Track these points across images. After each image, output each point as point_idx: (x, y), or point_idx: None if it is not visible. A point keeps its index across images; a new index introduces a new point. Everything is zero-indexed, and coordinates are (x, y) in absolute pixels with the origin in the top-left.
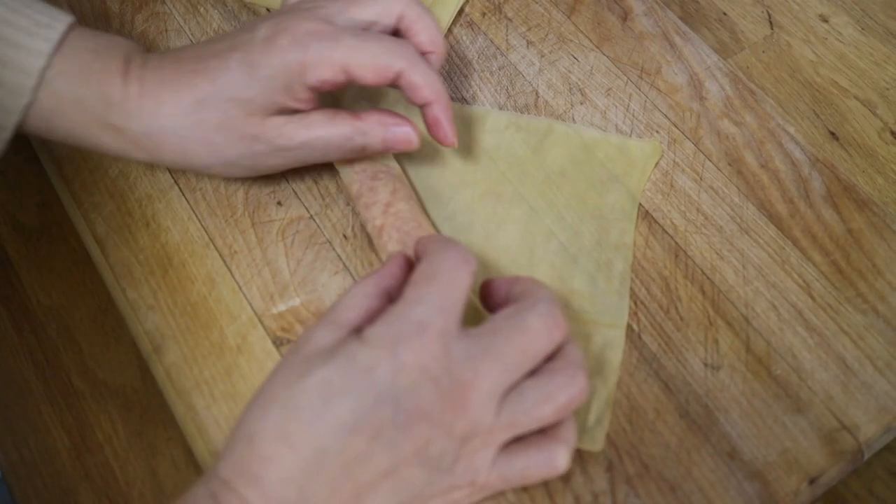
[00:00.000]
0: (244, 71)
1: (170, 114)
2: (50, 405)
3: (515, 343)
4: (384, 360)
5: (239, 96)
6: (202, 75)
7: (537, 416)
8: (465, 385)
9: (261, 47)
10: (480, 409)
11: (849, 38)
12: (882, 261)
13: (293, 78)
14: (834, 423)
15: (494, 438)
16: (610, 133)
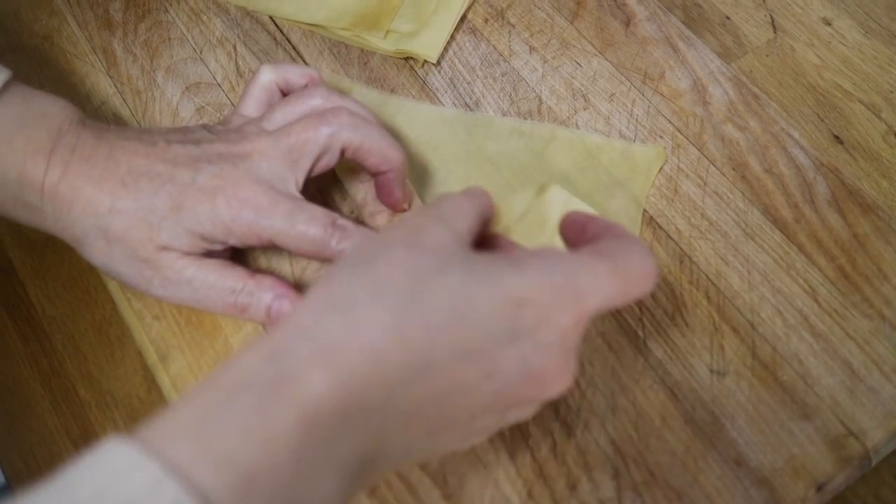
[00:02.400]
0: (170, 205)
1: (82, 210)
2: (55, 415)
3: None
4: (535, 302)
5: (151, 222)
6: (129, 190)
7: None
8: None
9: (194, 194)
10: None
11: (852, 41)
12: (888, 265)
13: (215, 234)
14: (841, 429)
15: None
16: (614, 138)
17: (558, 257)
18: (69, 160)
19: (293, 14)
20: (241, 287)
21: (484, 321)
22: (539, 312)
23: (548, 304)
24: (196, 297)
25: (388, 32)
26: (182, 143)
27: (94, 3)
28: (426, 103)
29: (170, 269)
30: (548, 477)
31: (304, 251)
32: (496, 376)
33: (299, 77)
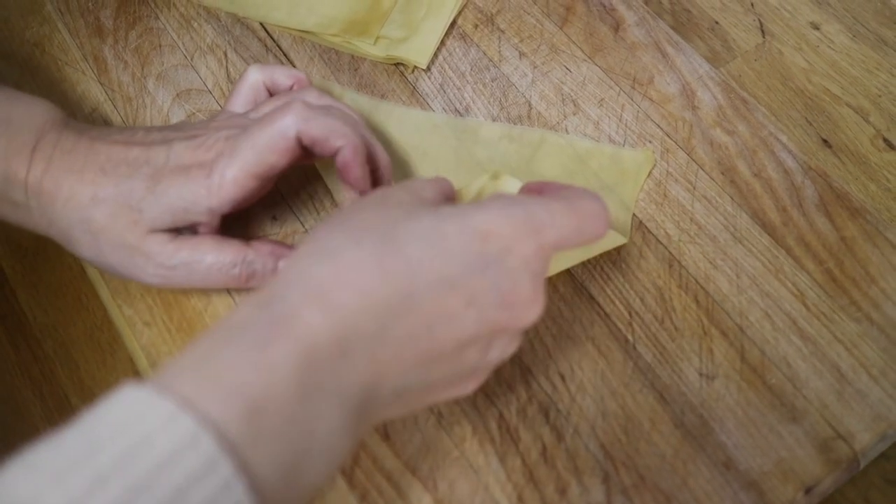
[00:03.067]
0: (147, 185)
1: (65, 203)
2: (47, 422)
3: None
4: (501, 233)
5: (132, 205)
6: (109, 177)
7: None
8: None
9: (171, 171)
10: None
11: (840, 45)
12: (875, 268)
13: (193, 208)
14: (829, 432)
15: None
16: (603, 143)
17: (518, 198)
18: (51, 155)
19: (284, 21)
20: (241, 259)
21: (456, 252)
22: (503, 243)
23: (510, 234)
24: (195, 279)
25: (378, 38)
26: (161, 130)
27: (84, 10)
28: (416, 109)
29: (161, 254)
30: (538, 481)
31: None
32: (474, 303)
33: (286, 78)
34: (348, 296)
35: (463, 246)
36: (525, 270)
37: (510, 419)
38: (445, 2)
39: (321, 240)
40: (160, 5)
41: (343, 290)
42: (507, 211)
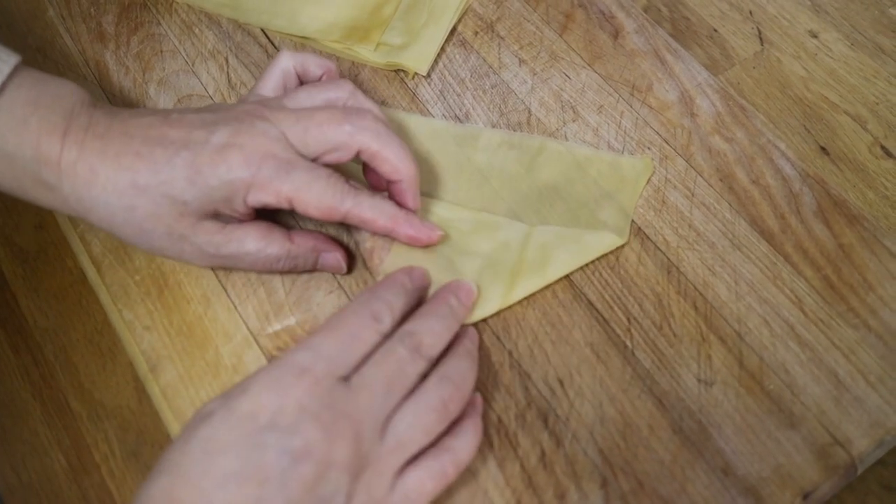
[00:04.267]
0: (187, 174)
1: (103, 187)
2: (47, 426)
3: (385, 370)
4: (263, 404)
5: (175, 196)
6: (145, 161)
7: (421, 429)
8: (346, 418)
9: (210, 155)
10: (364, 439)
11: (838, 53)
12: (873, 275)
13: (235, 194)
14: (827, 438)
15: (387, 465)
16: (602, 150)
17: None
18: (83, 139)
19: (285, 27)
20: (285, 254)
21: (229, 447)
22: (269, 411)
23: (272, 403)
24: (240, 265)
25: (378, 45)
26: (197, 112)
27: (86, 16)
28: (416, 115)
29: (209, 244)
30: (536, 487)
31: (318, 210)
32: (266, 480)
33: (317, 67)
34: None
35: (231, 437)
36: (303, 417)
37: (509, 424)
38: (446, 9)
39: (137, 495)
40: (162, 11)
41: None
42: (267, 384)
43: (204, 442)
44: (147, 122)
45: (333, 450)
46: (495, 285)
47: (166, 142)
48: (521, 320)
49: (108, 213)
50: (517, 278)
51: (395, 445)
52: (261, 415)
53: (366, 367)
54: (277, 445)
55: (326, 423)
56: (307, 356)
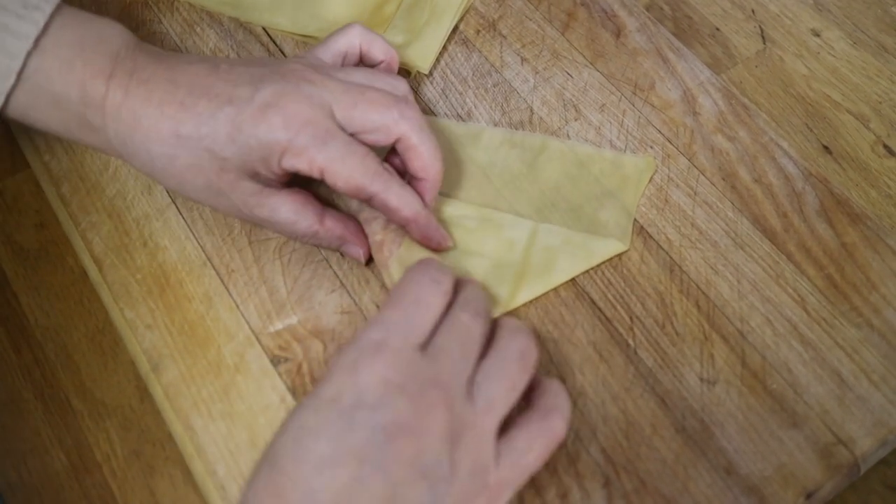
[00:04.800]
0: (229, 130)
1: (145, 134)
2: (48, 425)
3: (456, 335)
4: (345, 385)
5: (216, 151)
6: (189, 112)
7: (507, 383)
8: (432, 384)
9: (252, 114)
10: (455, 403)
11: (841, 52)
12: (876, 274)
13: (271, 155)
14: (830, 438)
15: (483, 428)
16: (604, 149)
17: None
18: (128, 84)
19: (286, 25)
20: (311, 233)
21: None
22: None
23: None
24: (268, 227)
25: None
26: (247, 64)
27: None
28: None
29: (246, 204)
30: (539, 486)
31: (347, 185)
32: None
33: (381, 52)
34: None
35: (320, 422)
36: (389, 392)
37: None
38: (447, 7)
39: (244, 490)
40: (163, 10)
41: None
42: (347, 364)
43: (294, 430)
44: (194, 69)
45: (426, 419)
46: (500, 288)
47: (211, 94)
48: (524, 319)
49: (149, 159)
50: (521, 282)
51: (486, 405)
52: (345, 396)
53: (437, 336)
54: (368, 423)
55: (414, 393)
56: (379, 331)
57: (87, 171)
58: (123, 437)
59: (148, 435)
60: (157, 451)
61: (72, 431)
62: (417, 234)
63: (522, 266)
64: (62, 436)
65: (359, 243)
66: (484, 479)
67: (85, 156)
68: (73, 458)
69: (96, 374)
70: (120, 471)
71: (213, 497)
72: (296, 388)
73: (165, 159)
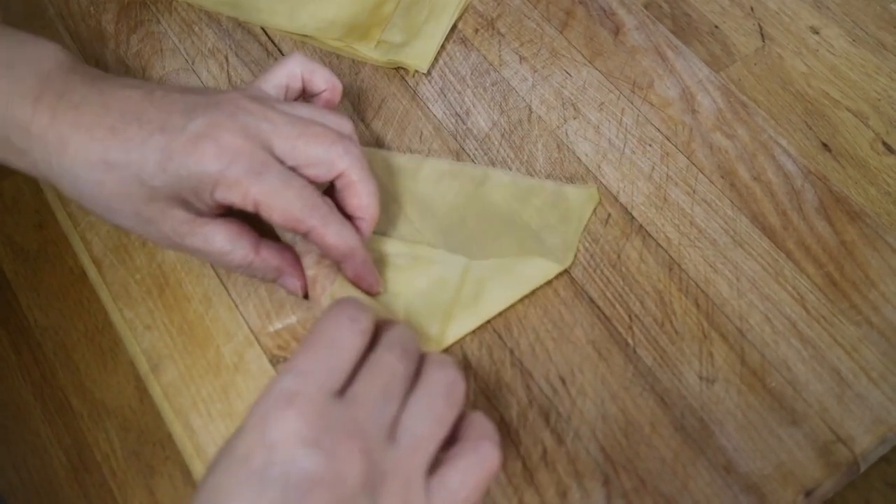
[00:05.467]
0: (159, 159)
1: (73, 158)
2: (48, 425)
3: (377, 378)
4: (255, 442)
5: (145, 180)
6: (119, 138)
7: (434, 420)
8: (348, 434)
9: (184, 143)
10: (374, 449)
11: (840, 49)
12: (875, 272)
13: (203, 187)
14: (829, 435)
15: (410, 469)
16: (545, 180)
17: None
18: (56, 106)
19: (285, 25)
20: (247, 263)
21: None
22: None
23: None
24: (199, 257)
25: (378, 43)
26: (184, 93)
27: (86, 14)
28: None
29: (175, 232)
30: (538, 485)
31: (282, 219)
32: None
33: (323, 81)
34: None
35: (232, 485)
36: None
37: (511, 422)
38: (446, 6)
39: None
40: (161, 10)
41: None
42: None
43: (210, 494)
44: (127, 94)
45: (342, 471)
46: (430, 326)
47: (143, 120)
48: (523, 318)
49: (76, 185)
50: (451, 318)
51: (413, 445)
52: (255, 455)
53: (357, 380)
54: (279, 482)
55: (327, 446)
56: (292, 380)
57: None
58: (123, 437)
59: (147, 435)
60: (156, 451)
61: (71, 431)
62: (351, 272)
63: (453, 302)
64: (61, 436)
65: (296, 276)
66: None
67: None
68: (73, 458)
69: (96, 374)
70: (119, 471)
71: None
72: None
73: (93, 185)
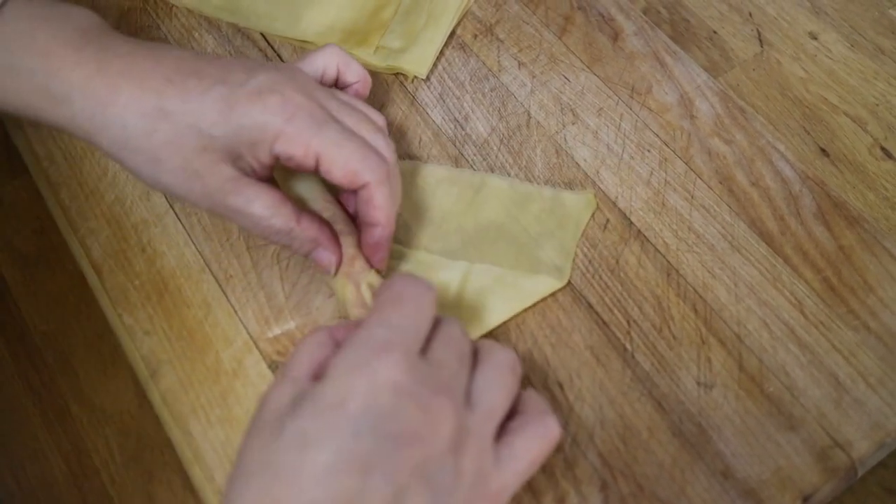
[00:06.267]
0: (221, 108)
1: (123, 107)
2: (47, 431)
3: (453, 347)
4: (352, 388)
5: (203, 128)
6: (176, 88)
7: (504, 390)
8: (440, 392)
9: (247, 94)
10: (458, 410)
11: (838, 54)
12: (873, 277)
13: (264, 139)
14: (827, 441)
15: (483, 434)
16: (543, 186)
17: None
18: (101, 57)
19: (284, 31)
20: (287, 230)
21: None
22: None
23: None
24: (239, 222)
25: (377, 48)
26: (233, 58)
27: None
28: None
29: (220, 190)
30: (536, 491)
31: (342, 172)
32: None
33: (356, 73)
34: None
35: (324, 428)
36: (400, 397)
37: None
38: (445, 12)
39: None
40: (162, 16)
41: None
42: (351, 367)
43: (296, 436)
44: (178, 54)
45: (436, 427)
46: None
47: (202, 74)
48: (521, 324)
49: (123, 135)
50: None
51: (485, 411)
52: (351, 400)
53: (435, 344)
54: (376, 431)
55: (423, 400)
56: (384, 332)
57: (85, 177)
58: (122, 443)
59: (146, 441)
60: (155, 457)
61: (70, 437)
62: (377, 239)
63: (456, 309)
64: (60, 442)
65: (332, 250)
66: (485, 485)
67: (84, 162)
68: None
69: (95, 380)
70: (118, 477)
71: (212, 503)
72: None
73: (141, 134)
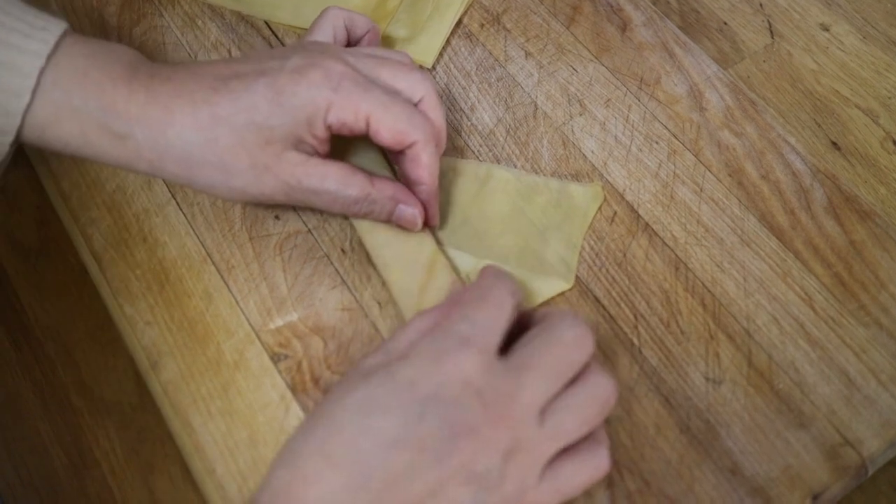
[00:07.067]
0: (269, 97)
1: (181, 125)
2: (48, 423)
3: (552, 354)
4: (427, 373)
5: (260, 122)
6: (222, 94)
7: (583, 419)
8: (508, 397)
9: (289, 76)
10: (524, 421)
11: (850, 46)
12: (885, 273)
13: (317, 113)
14: (837, 438)
15: (541, 452)
16: (550, 178)
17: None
18: (150, 84)
19: (288, 19)
20: (364, 196)
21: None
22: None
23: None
24: (316, 203)
25: (383, 37)
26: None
27: (89, 7)
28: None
29: (292, 176)
30: None
31: (391, 132)
32: (426, 447)
33: (363, 24)
34: (308, 490)
35: (392, 401)
36: (467, 392)
37: None
38: (451, 1)
39: (289, 443)
40: (164, 3)
41: (304, 486)
42: (431, 353)
43: (364, 401)
44: (212, 64)
45: (493, 429)
46: None
47: (241, 74)
48: None
49: (186, 152)
50: None
51: (554, 433)
52: (422, 383)
53: (532, 345)
54: (439, 417)
55: (489, 400)
56: (466, 327)
57: (87, 167)
58: (123, 435)
59: (147, 433)
60: (156, 449)
61: (71, 429)
62: (425, 196)
63: None
64: (61, 433)
65: (413, 203)
66: (522, 496)
67: None
68: (73, 455)
69: (96, 371)
70: (119, 468)
71: (212, 495)
72: (295, 385)
73: (204, 146)
